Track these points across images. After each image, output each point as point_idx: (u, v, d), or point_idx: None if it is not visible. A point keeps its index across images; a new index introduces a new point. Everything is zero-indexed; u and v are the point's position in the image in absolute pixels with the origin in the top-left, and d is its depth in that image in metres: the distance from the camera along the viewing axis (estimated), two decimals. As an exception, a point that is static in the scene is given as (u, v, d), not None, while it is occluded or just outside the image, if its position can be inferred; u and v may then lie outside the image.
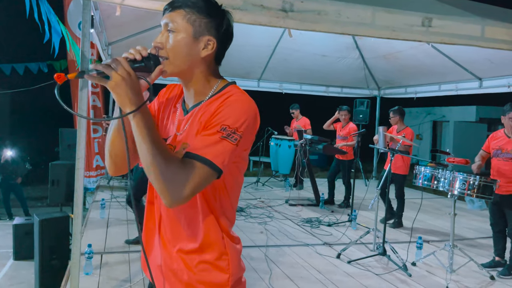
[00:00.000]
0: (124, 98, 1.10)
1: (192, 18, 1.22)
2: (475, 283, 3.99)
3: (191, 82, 1.29)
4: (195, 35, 1.23)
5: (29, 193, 11.36)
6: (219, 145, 1.14)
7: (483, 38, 3.61)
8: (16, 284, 5.76)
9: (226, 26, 1.27)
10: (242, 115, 1.18)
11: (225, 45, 1.30)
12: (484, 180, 3.97)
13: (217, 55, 1.29)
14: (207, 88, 1.29)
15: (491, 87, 7.46)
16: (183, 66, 1.24)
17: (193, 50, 1.23)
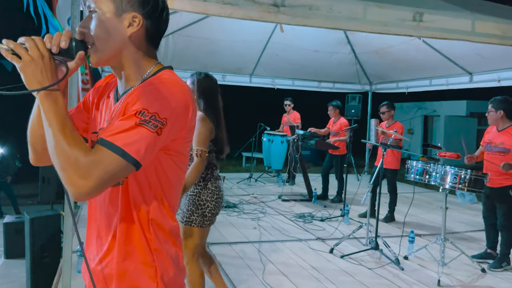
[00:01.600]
0: (32, 80, 1.03)
1: None
2: (466, 276, 4.03)
3: (120, 67, 1.17)
4: (117, 12, 1.11)
5: (19, 191, 11.24)
6: (133, 131, 1.00)
7: (474, 32, 3.63)
8: (7, 283, 5.71)
9: (154, 3, 1.15)
10: (167, 101, 1.05)
11: (157, 24, 1.18)
12: (475, 174, 4.01)
13: (148, 35, 1.17)
14: (139, 73, 1.17)
15: (481, 81, 7.51)
16: (109, 50, 1.13)
17: (117, 29, 1.12)
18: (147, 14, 1.14)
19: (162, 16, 1.18)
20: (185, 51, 8.02)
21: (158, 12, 1.17)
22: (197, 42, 7.63)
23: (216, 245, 4.61)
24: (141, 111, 1.02)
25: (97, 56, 1.13)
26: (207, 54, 8.20)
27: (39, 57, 1.02)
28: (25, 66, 1.02)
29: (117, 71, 1.19)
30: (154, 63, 1.20)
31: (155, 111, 1.03)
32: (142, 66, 1.18)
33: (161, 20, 1.18)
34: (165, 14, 1.20)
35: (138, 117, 1.01)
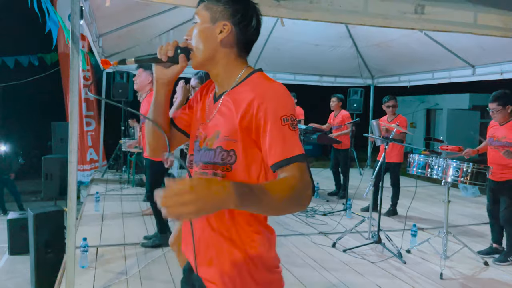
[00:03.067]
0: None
1: (209, 6, 1.33)
2: (469, 269, 4.04)
3: (215, 69, 1.35)
4: (211, 20, 1.31)
5: (23, 188, 11.28)
6: (294, 137, 1.21)
7: (476, 25, 3.61)
8: (12, 279, 5.75)
9: (244, 13, 1.32)
10: (290, 103, 1.24)
11: (246, 32, 1.34)
12: (477, 167, 3.99)
13: (238, 41, 1.33)
14: (232, 76, 1.34)
15: (484, 74, 7.47)
16: (204, 54, 1.31)
17: (211, 35, 1.31)
18: (236, 22, 1.32)
19: (250, 24, 1.34)
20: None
21: (247, 21, 1.33)
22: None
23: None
24: (283, 117, 1.20)
25: (195, 60, 1.33)
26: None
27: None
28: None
29: (213, 74, 1.37)
30: (245, 66, 1.36)
31: (291, 113, 1.22)
32: (233, 69, 1.35)
33: (249, 27, 1.34)
34: (254, 23, 1.35)
35: (285, 124, 1.20)
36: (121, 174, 8.49)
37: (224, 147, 1.28)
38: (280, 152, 1.18)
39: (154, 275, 3.69)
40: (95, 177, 8.31)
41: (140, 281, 3.54)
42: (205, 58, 1.33)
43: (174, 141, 1.49)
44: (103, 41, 6.84)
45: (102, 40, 6.77)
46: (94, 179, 8.10)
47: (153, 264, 3.92)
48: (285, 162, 1.18)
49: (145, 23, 6.41)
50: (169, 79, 1.38)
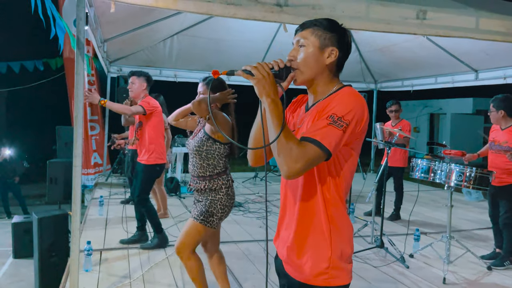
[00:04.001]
0: (262, 90, 1.39)
1: (319, 33, 1.50)
2: (472, 273, 4.03)
3: (315, 85, 1.53)
4: (321, 47, 1.50)
5: (27, 192, 11.34)
6: (325, 129, 1.34)
7: (478, 30, 3.62)
8: (16, 282, 5.78)
9: (347, 39, 1.54)
10: (348, 106, 1.38)
11: (346, 55, 1.54)
12: (481, 172, 3.99)
13: (339, 63, 1.54)
14: (327, 91, 1.52)
15: (487, 79, 7.47)
16: (311, 74, 1.51)
17: (319, 59, 1.50)
18: (341, 48, 1.52)
19: (350, 48, 1.56)
20: (190, 51, 8.06)
21: (349, 45, 1.55)
22: (202, 42, 7.66)
23: (222, 243, 4.60)
24: (331, 115, 1.37)
25: (300, 78, 1.51)
26: (212, 54, 8.23)
27: (267, 75, 1.40)
28: (258, 81, 1.39)
29: (311, 89, 1.56)
30: (337, 83, 1.55)
31: (341, 114, 1.37)
32: (330, 85, 1.53)
33: (349, 51, 1.56)
34: (350, 46, 1.57)
35: (329, 119, 1.36)
36: (125, 178, 8.52)
37: None
38: (309, 131, 1.37)
39: (157, 278, 3.70)
40: (99, 181, 8.35)
41: (143, 285, 3.56)
42: (309, 78, 1.51)
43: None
44: (108, 46, 6.90)
45: (107, 45, 6.83)
46: (98, 183, 8.14)
47: (156, 267, 3.94)
48: (304, 138, 1.36)
49: (150, 28, 6.46)
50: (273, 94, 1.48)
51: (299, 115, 1.62)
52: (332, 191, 1.47)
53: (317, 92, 1.54)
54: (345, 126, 1.36)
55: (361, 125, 1.42)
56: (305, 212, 1.50)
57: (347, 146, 1.44)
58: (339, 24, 1.55)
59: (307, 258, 1.47)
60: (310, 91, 1.57)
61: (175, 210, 6.11)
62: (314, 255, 1.47)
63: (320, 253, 1.46)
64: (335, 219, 1.47)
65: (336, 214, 1.47)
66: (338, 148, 1.38)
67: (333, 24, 1.53)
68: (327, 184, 1.47)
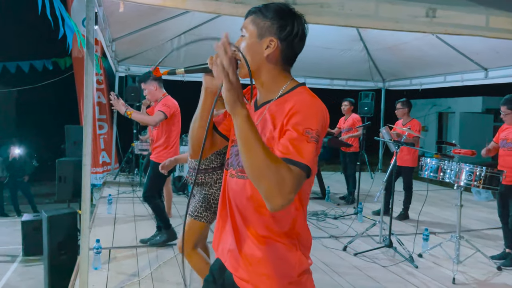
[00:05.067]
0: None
1: (257, 21, 1.37)
2: (481, 274, 3.99)
3: (260, 79, 1.40)
4: (259, 36, 1.36)
5: (37, 190, 11.44)
6: (309, 148, 1.21)
7: (488, 28, 3.58)
8: (25, 280, 5.83)
9: (291, 28, 1.35)
10: (318, 117, 1.26)
11: (292, 46, 1.38)
12: (491, 171, 3.96)
13: (284, 55, 1.38)
14: (276, 87, 1.39)
15: (497, 77, 7.40)
16: (251, 66, 1.35)
17: (258, 50, 1.36)
18: (283, 38, 1.35)
19: (296, 38, 1.37)
20: (198, 51, 8.06)
21: (293, 36, 1.36)
22: (209, 42, 7.64)
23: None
24: (307, 130, 1.23)
25: (243, 70, 1.36)
26: (220, 53, 8.23)
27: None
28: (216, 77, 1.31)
29: (258, 83, 1.42)
30: (289, 80, 1.41)
31: (316, 128, 1.24)
32: (278, 81, 1.40)
33: (295, 42, 1.38)
34: (299, 36, 1.38)
35: (306, 135, 1.22)
36: (133, 176, 8.57)
37: None
38: (286, 149, 1.20)
39: (166, 277, 3.72)
40: (108, 179, 8.40)
41: (152, 283, 3.57)
42: (252, 70, 1.37)
43: (215, 144, 1.59)
44: (116, 45, 6.93)
45: (115, 45, 6.86)
46: (107, 181, 8.19)
47: (164, 266, 3.96)
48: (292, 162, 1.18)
49: (157, 28, 6.48)
50: (217, 88, 1.41)
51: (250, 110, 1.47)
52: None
53: (264, 87, 1.41)
54: (319, 140, 1.26)
55: (325, 132, 1.33)
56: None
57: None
58: (286, 10, 1.37)
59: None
60: (258, 86, 1.44)
61: (183, 209, 6.13)
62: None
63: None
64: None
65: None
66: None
67: (275, 11, 1.36)
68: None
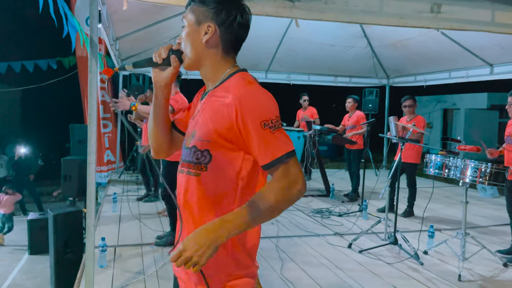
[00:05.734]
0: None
1: (194, 8, 1.35)
2: (487, 270, 3.97)
3: (202, 69, 1.39)
4: (196, 23, 1.34)
5: (42, 189, 11.50)
6: (277, 139, 1.22)
7: (493, 23, 3.55)
8: (31, 278, 5.87)
9: (227, 12, 1.32)
10: (264, 105, 1.25)
11: (231, 32, 1.34)
12: (496, 167, 3.93)
13: (223, 41, 1.35)
14: (217, 76, 1.37)
15: (502, 73, 7.34)
16: (192, 55, 1.35)
17: (196, 38, 1.34)
18: (220, 23, 1.33)
19: (235, 23, 1.34)
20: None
21: (230, 20, 1.33)
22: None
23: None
24: (264, 123, 1.22)
25: (186, 61, 1.37)
26: (223, 51, 8.22)
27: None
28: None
29: (202, 73, 1.41)
30: (230, 66, 1.38)
31: (270, 117, 1.23)
32: (219, 69, 1.37)
33: (234, 26, 1.34)
34: (239, 21, 1.34)
35: (265, 129, 1.22)
36: (137, 175, 8.59)
37: (199, 147, 1.32)
38: (264, 156, 1.22)
39: (171, 274, 3.70)
40: (112, 178, 8.43)
41: (157, 281, 3.58)
42: (193, 60, 1.36)
43: (175, 142, 1.55)
44: (120, 44, 6.94)
45: (119, 43, 6.86)
46: (111, 180, 8.22)
47: (169, 263, 3.96)
48: (269, 166, 1.22)
49: (161, 26, 6.48)
50: (165, 81, 1.41)
51: (196, 108, 1.46)
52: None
53: (208, 78, 1.40)
54: (280, 122, 1.25)
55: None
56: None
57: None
58: None
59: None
60: (202, 77, 1.42)
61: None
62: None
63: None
64: None
65: None
66: None
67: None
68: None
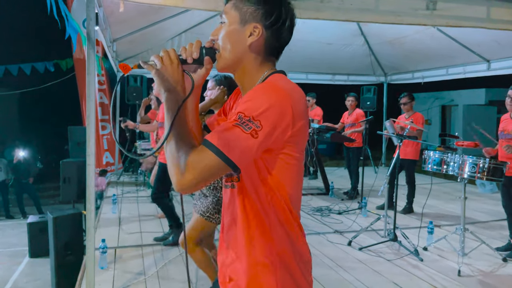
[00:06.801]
0: (160, 83, 1.17)
1: (240, 6, 1.22)
2: (487, 265, 3.99)
3: (241, 74, 1.26)
4: (241, 22, 1.21)
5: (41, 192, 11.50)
6: (229, 132, 1.06)
7: (489, 19, 3.57)
8: (32, 281, 5.87)
9: (277, 15, 1.21)
10: (261, 105, 1.08)
11: (278, 36, 1.23)
12: (494, 163, 3.95)
13: (267, 45, 1.23)
14: (255, 80, 1.23)
15: (499, 68, 7.37)
16: (231, 57, 1.22)
17: (239, 38, 1.21)
18: (269, 25, 1.21)
19: (283, 27, 1.23)
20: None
21: (280, 24, 1.22)
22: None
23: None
24: (239, 114, 1.07)
25: (221, 62, 1.23)
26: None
27: (169, 64, 1.16)
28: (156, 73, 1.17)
29: (237, 77, 1.27)
30: (268, 70, 1.25)
31: (251, 114, 1.06)
32: (258, 73, 1.24)
33: (282, 31, 1.23)
34: (287, 25, 1.24)
35: (236, 120, 1.07)
36: (136, 176, 8.60)
37: None
38: (211, 134, 1.09)
39: (171, 275, 3.73)
40: (112, 179, 8.42)
41: (158, 281, 3.59)
42: (231, 62, 1.22)
43: None
44: (117, 45, 6.94)
45: (116, 45, 6.87)
46: (111, 181, 8.22)
47: (170, 264, 3.97)
48: (203, 141, 1.09)
49: (158, 27, 6.48)
50: (196, 83, 1.23)
51: (231, 112, 1.32)
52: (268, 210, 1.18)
53: (244, 82, 1.26)
54: (255, 129, 1.05)
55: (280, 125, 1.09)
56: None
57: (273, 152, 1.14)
58: None
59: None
60: (239, 82, 1.28)
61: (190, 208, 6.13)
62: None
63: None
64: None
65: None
66: (248, 157, 1.08)
67: None
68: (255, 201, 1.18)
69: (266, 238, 1.18)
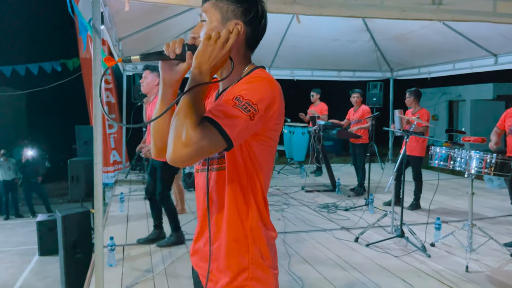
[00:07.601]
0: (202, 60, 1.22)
1: (220, 5, 1.29)
2: (495, 261, 3.97)
3: (222, 68, 1.30)
4: (223, 20, 1.28)
5: (50, 191, 11.60)
6: (230, 112, 1.13)
7: (495, 13, 3.54)
8: (42, 279, 5.95)
9: (255, 12, 1.30)
10: (258, 92, 1.18)
11: (256, 31, 1.33)
12: (501, 158, 3.92)
13: (247, 40, 1.32)
14: (237, 74, 1.31)
15: (507, 63, 7.30)
16: None
17: None
18: (249, 22, 1.30)
19: (261, 23, 1.33)
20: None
21: (258, 20, 1.32)
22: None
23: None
24: (237, 97, 1.16)
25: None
26: (226, 49, 8.23)
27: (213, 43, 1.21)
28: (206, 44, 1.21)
29: (218, 72, 1.33)
30: (249, 64, 1.34)
31: (249, 98, 1.16)
32: (240, 67, 1.32)
33: (260, 26, 1.33)
34: (264, 20, 1.34)
35: (234, 101, 1.15)
36: (144, 174, 8.64)
37: None
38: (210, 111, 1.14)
39: (179, 272, 3.76)
40: (119, 178, 8.48)
41: (166, 278, 3.62)
42: None
43: None
44: (123, 44, 6.97)
45: (122, 44, 6.89)
46: (118, 180, 8.27)
47: (177, 261, 4.00)
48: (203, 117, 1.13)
49: (163, 25, 6.50)
50: (176, 78, 1.30)
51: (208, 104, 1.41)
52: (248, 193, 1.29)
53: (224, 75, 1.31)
54: (253, 112, 1.14)
55: (273, 114, 1.22)
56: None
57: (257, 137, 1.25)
58: None
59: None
60: (219, 75, 1.34)
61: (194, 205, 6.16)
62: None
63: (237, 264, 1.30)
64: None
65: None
66: (243, 137, 1.19)
67: None
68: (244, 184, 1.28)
69: (244, 217, 1.29)
